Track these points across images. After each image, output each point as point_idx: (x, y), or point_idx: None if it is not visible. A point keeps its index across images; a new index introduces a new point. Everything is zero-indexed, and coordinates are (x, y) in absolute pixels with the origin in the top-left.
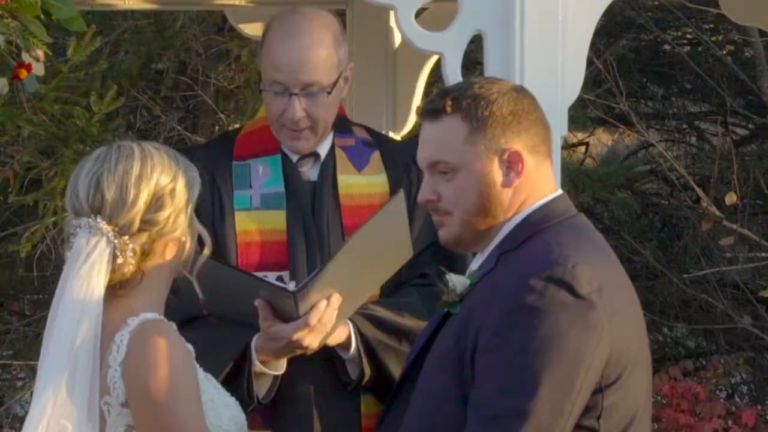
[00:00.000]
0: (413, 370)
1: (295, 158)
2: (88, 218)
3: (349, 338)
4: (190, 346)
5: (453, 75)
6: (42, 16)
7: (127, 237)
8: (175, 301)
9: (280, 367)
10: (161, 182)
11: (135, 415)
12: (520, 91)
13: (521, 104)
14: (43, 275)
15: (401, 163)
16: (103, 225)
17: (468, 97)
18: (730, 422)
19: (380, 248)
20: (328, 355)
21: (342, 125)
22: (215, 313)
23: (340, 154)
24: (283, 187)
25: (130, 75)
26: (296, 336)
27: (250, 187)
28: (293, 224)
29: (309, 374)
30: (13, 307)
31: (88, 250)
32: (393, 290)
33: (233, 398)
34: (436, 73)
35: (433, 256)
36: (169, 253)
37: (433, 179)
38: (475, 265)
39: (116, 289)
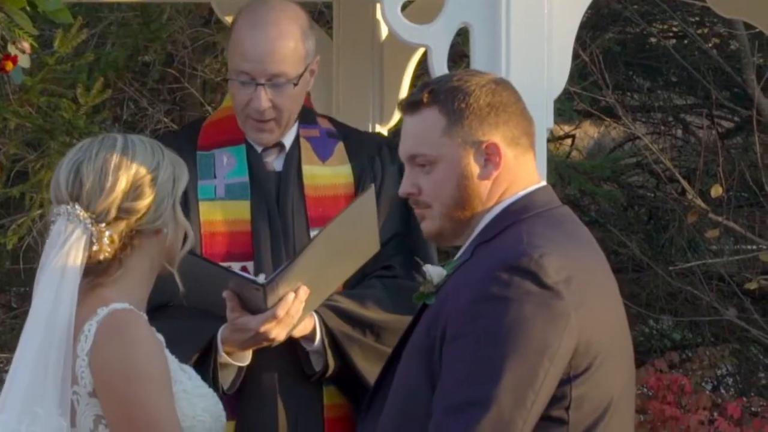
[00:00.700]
0: (394, 362)
1: (259, 148)
2: (66, 205)
3: (314, 330)
4: (160, 336)
5: (439, 67)
6: (28, 8)
7: (103, 224)
8: None
9: (246, 358)
10: (141, 171)
11: (103, 405)
12: (500, 83)
13: (499, 96)
14: (30, 267)
15: (366, 154)
16: (80, 212)
17: (445, 90)
18: (715, 414)
19: (349, 242)
20: (291, 346)
21: (307, 116)
22: (189, 304)
23: (304, 144)
24: (248, 177)
25: (117, 67)
26: (263, 328)
27: (214, 177)
28: (258, 214)
29: (272, 365)
30: (0, 299)
31: (65, 236)
32: (356, 282)
33: (210, 389)
34: (423, 65)
35: (396, 248)
36: (149, 245)
37: (413, 172)
38: (457, 256)
39: (96, 277)
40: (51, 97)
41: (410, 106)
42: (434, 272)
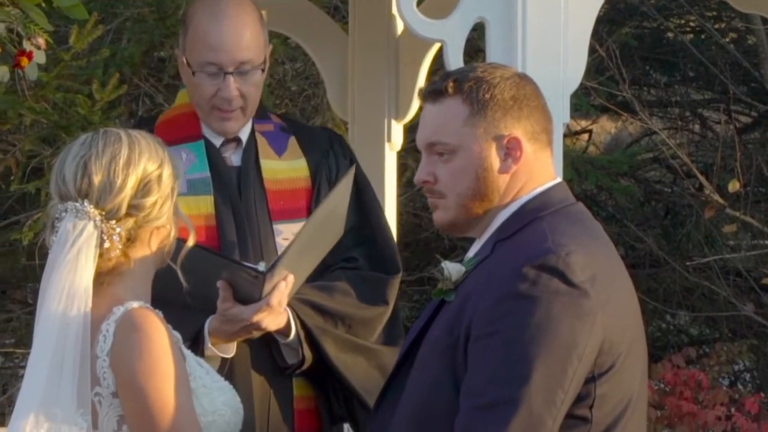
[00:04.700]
0: (408, 359)
1: (218, 143)
2: (74, 202)
3: (288, 325)
4: (177, 334)
5: (455, 63)
6: (43, 4)
7: (113, 222)
8: None
9: (230, 349)
10: (148, 168)
11: (123, 404)
12: (523, 77)
13: (523, 90)
14: (45, 264)
15: (319, 148)
16: (91, 209)
17: (470, 80)
18: (733, 410)
19: (325, 228)
20: (263, 339)
21: (260, 111)
22: (163, 299)
23: (260, 139)
24: (209, 172)
25: (132, 63)
26: (256, 318)
27: None
28: (222, 208)
29: (246, 358)
30: (16, 295)
31: (75, 234)
32: (318, 275)
33: (227, 382)
34: (439, 60)
35: (354, 239)
36: (155, 242)
37: (431, 160)
38: (471, 252)
39: (102, 276)
40: (66, 93)
41: (432, 94)
42: (453, 269)
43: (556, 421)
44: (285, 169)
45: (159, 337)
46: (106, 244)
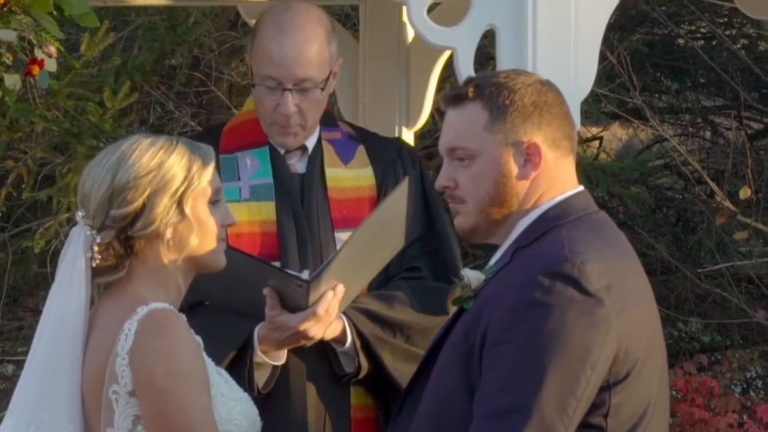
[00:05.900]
0: (428, 365)
1: (283, 150)
2: (79, 212)
3: (343, 333)
4: (198, 338)
5: (466, 70)
6: (54, 13)
7: (95, 231)
8: None
9: (281, 357)
10: (123, 178)
11: (140, 404)
12: (546, 84)
13: (545, 96)
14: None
15: (387, 157)
16: (82, 218)
17: (491, 85)
18: (745, 417)
19: (381, 237)
20: (320, 346)
21: (328, 119)
22: (222, 303)
23: (327, 147)
24: (272, 178)
25: (144, 71)
26: (303, 326)
27: (239, 179)
28: (283, 215)
29: (301, 365)
30: (27, 303)
31: (73, 242)
32: (381, 284)
33: (245, 393)
34: (450, 68)
35: (420, 250)
36: (155, 249)
37: (452, 166)
38: (493, 259)
39: (120, 281)
40: (78, 101)
41: (453, 99)
42: (473, 276)
43: (568, 429)
44: (350, 177)
45: (181, 339)
46: (88, 254)
